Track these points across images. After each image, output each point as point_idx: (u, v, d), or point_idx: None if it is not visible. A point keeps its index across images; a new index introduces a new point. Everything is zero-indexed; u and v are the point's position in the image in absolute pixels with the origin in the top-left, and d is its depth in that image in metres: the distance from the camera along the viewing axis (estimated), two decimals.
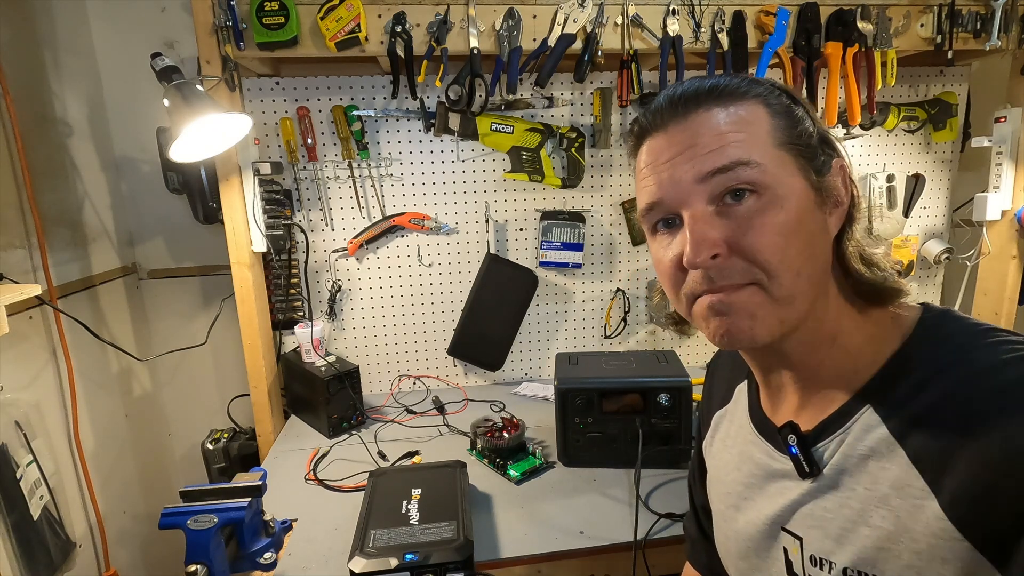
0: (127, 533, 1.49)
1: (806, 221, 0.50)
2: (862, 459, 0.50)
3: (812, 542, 0.54)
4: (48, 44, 1.34)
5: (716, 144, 0.50)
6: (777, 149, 0.51)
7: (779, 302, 0.50)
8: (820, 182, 0.52)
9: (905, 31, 1.39)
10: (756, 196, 0.49)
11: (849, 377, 0.53)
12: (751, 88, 0.52)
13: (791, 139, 0.51)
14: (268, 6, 1.19)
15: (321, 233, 1.57)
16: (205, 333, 1.61)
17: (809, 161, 0.52)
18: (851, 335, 0.54)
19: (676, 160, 0.51)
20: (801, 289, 0.50)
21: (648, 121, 0.54)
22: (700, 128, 0.51)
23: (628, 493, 1.11)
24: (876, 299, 0.54)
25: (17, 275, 1.15)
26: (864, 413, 0.51)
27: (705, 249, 0.49)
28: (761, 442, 0.61)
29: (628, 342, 1.75)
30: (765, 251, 0.49)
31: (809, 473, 0.54)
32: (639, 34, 1.34)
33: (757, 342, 0.51)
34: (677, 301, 0.55)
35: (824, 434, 0.53)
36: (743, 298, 0.50)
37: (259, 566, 0.91)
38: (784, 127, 0.51)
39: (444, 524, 0.91)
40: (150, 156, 1.53)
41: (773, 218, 0.49)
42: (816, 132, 0.53)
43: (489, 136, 1.52)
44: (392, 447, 1.33)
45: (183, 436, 1.72)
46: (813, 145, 0.52)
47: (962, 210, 1.75)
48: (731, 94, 0.52)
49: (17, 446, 1.11)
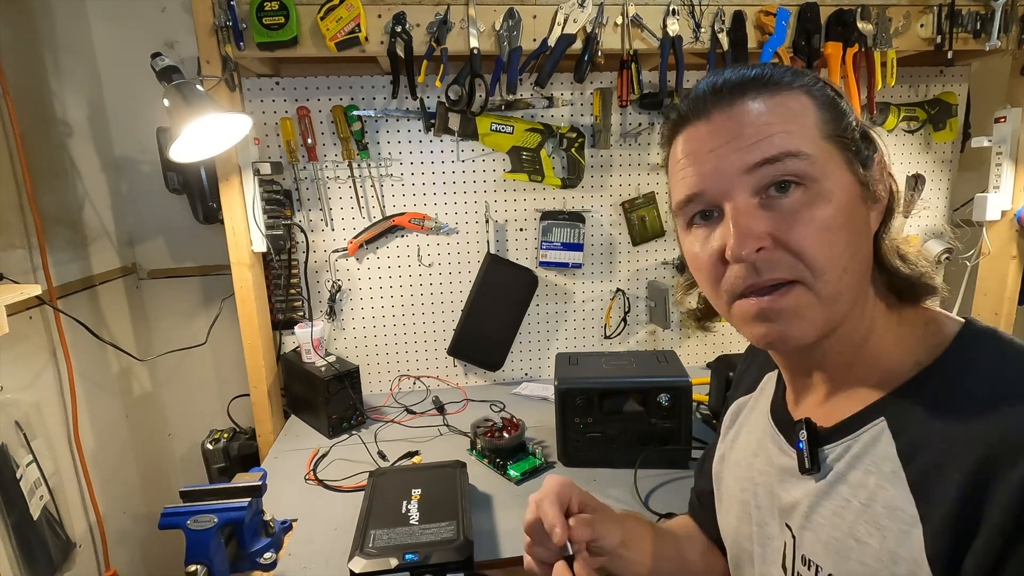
0: (127, 533, 1.49)
1: (852, 216, 0.49)
2: (865, 473, 0.49)
3: (805, 543, 0.54)
4: (48, 44, 1.34)
5: (764, 133, 0.48)
6: (825, 141, 0.49)
7: (825, 301, 0.48)
8: (866, 176, 0.50)
9: (905, 31, 1.39)
10: (803, 189, 0.48)
11: (875, 382, 0.52)
12: (796, 79, 0.51)
13: (837, 132, 0.50)
14: (268, 6, 1.19)
15: (321, 233, 1.57)
16: (205, 333, 1.61)
17: (855, 155, 0.50)
18: (882, 335, 0.53)
19: (720, 150, 0.49)
20: (847, 286, 0.49)
21: (689, 108, 0.52)
22: (747, 117, 0.48)
23: (628, 493, 1.11)
24: (910, 296, 0.53)
25: (17, 275, 1.15)
26: (877, 424, 0.49)
27: (751, 242, 0.47)
28: (776, 435, 0.61)
29: (628, 342, 1.75)
30: (812, 247, 0.47)
31: (808, 470, 0.53)
32: (639, 34, 1.34)
33: (802, 344, 0.50)
34: (716, 296, 0.53)
35: (835, 436, 0.53)
36: (790, 302, 0.48)
37: (259, 566, 0.91)
38: (831, 119, 0.50)
39: (444, 524, 0.91)
40: (150, 156, 1.53)
41: (821, 212, 0.47)
42: (859, 126, 0.52)
43: (489, 136, 1.52)
44: (392, 447, 1.33)
45: (183, 436, 1.71)
46: (857, 139, 0.51)
47: (962, 210, 1.75)
48: (777, 84, 0.50)
49: (17, 446, 1.11)
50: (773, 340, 0.50)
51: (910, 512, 0.45)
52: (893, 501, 0.46)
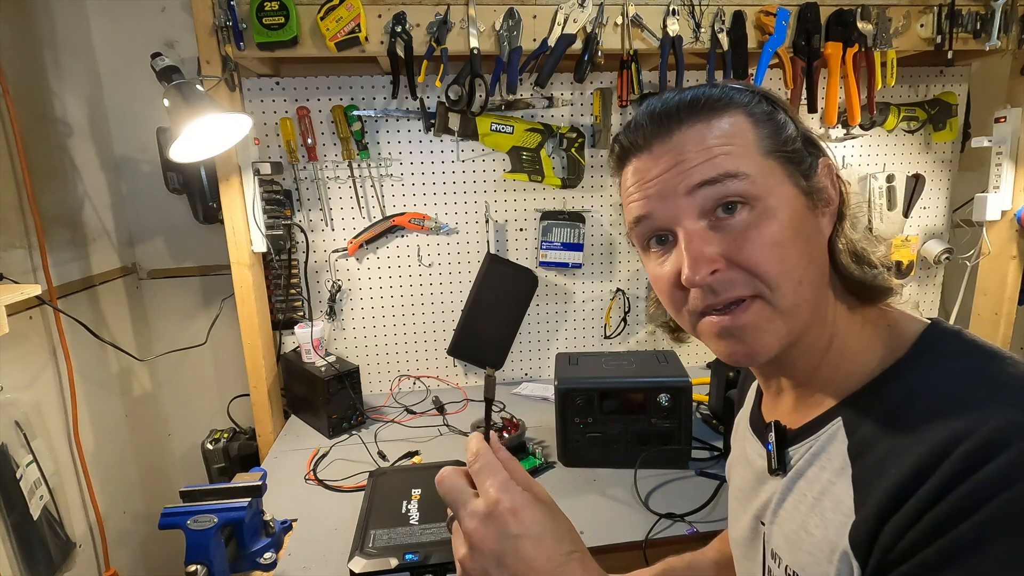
0: (127, 533, 1.49)
1: (801, 228, 0.50)
2: (820, 469, 0.51)
3: (772, 538, 0.56)
4: (48, 44, 1.34)
5: (703, 157, 0.49)
6: (764, 158, 0.50)
7: (784, 313, 0.49)
8: (809, 185, 0.51)
9: (905, 31, 1.39)
10: (748, 208, 0.49)
11: (838, 384, 0.53)
12: (732, 98, 0.52)
13: (777, 147, 0.51)
14: (268, 6, 1.19)
15: (321, 233, 1.57)
16: (205, 333, 1.61)
17: (797, 166, 0.51)
18: (846, 339, 0.53)
19: (664, 176, 0.51)
20: (804, 296, 0.50)
21: (630, 142, 0.54)
22: (685, 144, 0.50)
23: (628, 493, 1.11)
24: (867, 297, 0.54)
25: (17, 275, 1.15)
26: (834, 425, 0.51)
27: (704, 265, 0.49)
28: (754, 439, 0.63)
29: (628, 342, 1.75)
30: (764, 263, 0.48)
31: (775, 470, 0.56)
32: (639, 34, 1.34)
33: (768, 357, 0.51)
34: (680, 317, 0.55)
35: (799, 437, 0.54)
36: (750, 317, 0.49)
37: (259, 566, 0.91)
38: (769, 135, 0.51)
39: (444, 524, 0.91)
40: (150, 156, 1.53)
41: (768, 228, 0.48)
42: (800, 134, 0.53)
43: (489, 136, 1.52)
44: (392, 447, 1.33)
45: (183, 436, 1.71)
46: (799, 149, 0.52)
47: (962, 210, 1.75)
48: (712, 107, 0.51)
49: (17, 446, 1.11)
50: (739, 357, 0.51)
51: (848, 504, 0.46)
52: (838, 495, 0.48)
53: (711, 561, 0.80)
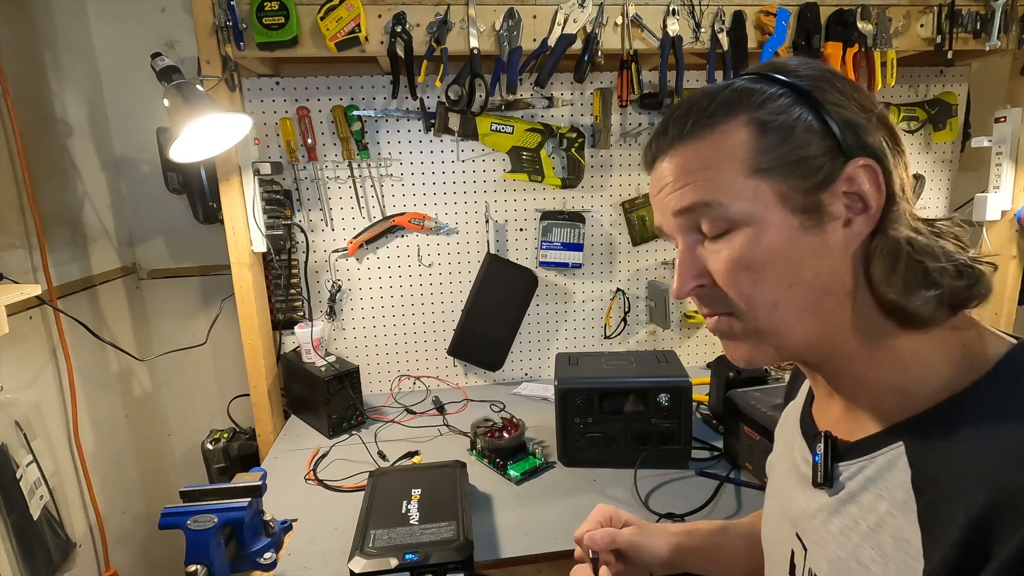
0: (127, 533, 1.49)
1: (786, 250, 0.47)
2: (877, 497, 0.47)
3: (812, 557, 0.54)
4: (48, 44, 1.34)
5: (685, 181, 0.50)
6: (750, 178, 0.47)
7: (764, 334, 0.50)
8: (814, 201, 0.46)
9: (905, 31, 1.39)
10: (726, 233, 0.49)
11: (894, 402, 0.48)
12: (738, 106, 0.48)
13: (777, 160, 0.46)
14: (268, 6, 1.19)
15: (321, 233, 1.57)
16: (205, 333, 1.61)
17: (801, 179, 0.46)
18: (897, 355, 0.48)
19: (660, 194, 0.53)
20: (784, 320, 0.48)
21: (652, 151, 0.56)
22: (673, 166, 0.51)
23: (628, 493, 1.11)
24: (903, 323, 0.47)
25: (17, 275, 1.15)
26: (895, 449, 0.47)
27: (688, 283, 0.52)
28: (801, 442, 0.60)
29: (628, 342, 1.75)
30: (732, 287, 0.49)
31: (820, 484, 0.52)
32: (639, 34, 1.34)
33: (755, 365, 0.52)
34: None
35: (851, 454, 0.51)
36: (723, 326, 0.52)
37: (259, 566, 0.91)
38: (773, 144, 0.47)
39: (444, 524, 0.91)
40: (150, 156, 1.53)
41: (742, 254, 0.48)
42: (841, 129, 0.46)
43: (489, 136, 1.52)
44: (392, 447, 1.33)
45: (183, 436, 1.71)
46: (808, 157, 0.46)
47: (962, 210, 1.75)
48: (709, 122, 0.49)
49: (17, 446, 1.11)
50: (736, 360, 0.53)
51: (915, 545, 0.43)
52: (901, 531, 0.44)
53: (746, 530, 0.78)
